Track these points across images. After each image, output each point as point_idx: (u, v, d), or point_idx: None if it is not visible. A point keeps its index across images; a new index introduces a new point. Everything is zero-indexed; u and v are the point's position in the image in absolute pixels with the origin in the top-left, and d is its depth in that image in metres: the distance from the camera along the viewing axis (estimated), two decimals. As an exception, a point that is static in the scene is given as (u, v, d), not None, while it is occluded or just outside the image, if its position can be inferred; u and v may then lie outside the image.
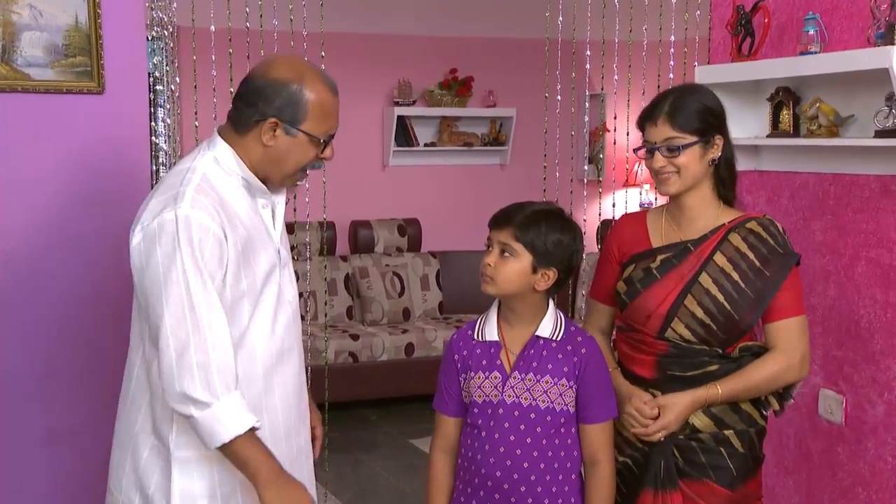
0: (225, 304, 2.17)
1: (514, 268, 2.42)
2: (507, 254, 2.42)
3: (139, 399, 2.31)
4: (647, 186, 7.39)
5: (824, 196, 3.34)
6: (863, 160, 3.17)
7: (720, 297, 2.54)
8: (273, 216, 2.36)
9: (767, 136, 3.45)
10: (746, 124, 3.54)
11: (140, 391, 2.31)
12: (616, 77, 4.62)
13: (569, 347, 2.48)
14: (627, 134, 3.87)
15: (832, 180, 3.31)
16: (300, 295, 6.64)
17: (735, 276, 2.54)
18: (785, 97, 3.37)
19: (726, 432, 2.56)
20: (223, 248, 2.17)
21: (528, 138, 7.57)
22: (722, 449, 2.55)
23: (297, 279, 2.52)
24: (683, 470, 2.56)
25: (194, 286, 2.11)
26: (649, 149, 2.55)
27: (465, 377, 2.49)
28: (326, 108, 2.25)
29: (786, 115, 3.39)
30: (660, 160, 2.53)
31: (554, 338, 2.48)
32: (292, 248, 6.63)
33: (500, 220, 2.45)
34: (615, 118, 4.07)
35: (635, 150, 2.62)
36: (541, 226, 2.42)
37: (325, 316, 5.50)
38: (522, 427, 2.44)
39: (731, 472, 2.55)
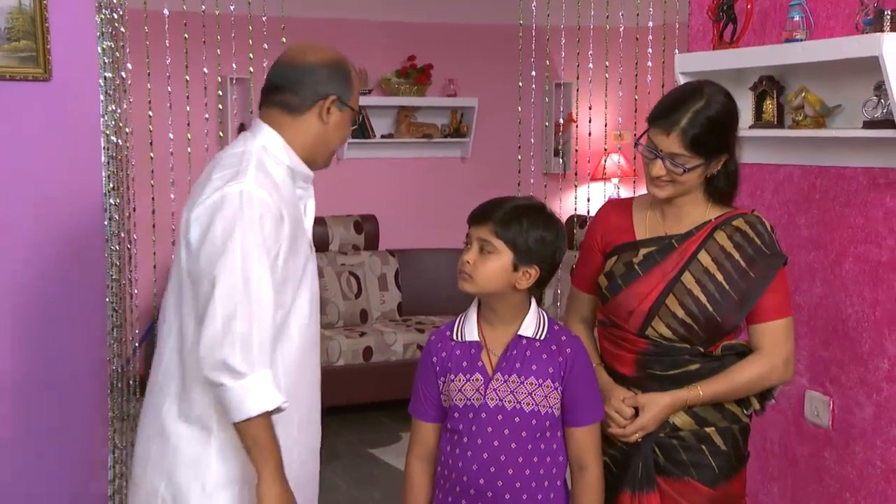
0: (274, 283, 2.34)
1: (493, 265, 2.47)
2: (486, 251, 2.48)
3: (167, 387, 2.45)
4: (615, 181, 7.51)
5: (810, 190, 3.43)
6: (850, 152, 3.26)
7: (702, 299, 2.60)
8: (304, 209, 2.55)
9: (750, 128, 3.52)
10: None
11: (168, 378, 2.45)
12: (579, 65, 4.71)
13: (553, 347, 2.52)
14: (590, 121, 3.93)
15: (818, 173, 3.40)
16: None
17: (719, 276, 2.61)
18: (769, 86, 3.45)
19: (707, 430, 2.63)
20: (280, 227, 2.36)
21: (491, 130, 7.65)
22: (704, 447, 2.62)
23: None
24: (665, 468, 2.62)
25: (252, 259, 2.29)
26: (655, 154, 2.58)
27: (444, 380, 2.54)
28: (357, 85, 2.57)
29: (769, 106, 3.47)
30: (659, 169, 2.58)
31: (537, 337, 2.53)
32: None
33: (480, 216, 2.50)
34: (590, 108, 4.14)
35: (635, 143, 2.66)
36: (522, 222, 2.48)
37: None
38: (506, 431, 2.49)
39: (713, 471, 2.62)
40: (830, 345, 3.38)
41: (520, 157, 4.44)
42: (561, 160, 7.68)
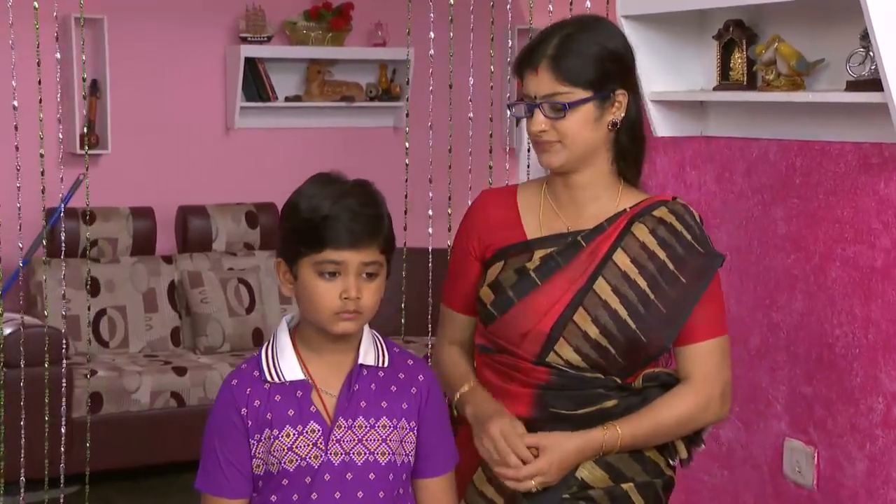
0: None
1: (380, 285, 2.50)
2: (371, 275, 2.47)
3: None
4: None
5: (789, 172, 3.44)
6: (836, 121, 3.27)
7: (621, 312, 2.60)
8: None
9: (714, 89, 3.55)
10: (688, 73, 3.64)
11: None
12: (552, 8, 4.64)
13: (401, 376, 2.53)
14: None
15: (798, 150, 3.41)
16: (102, 313, 6.62)
17: (641, 283, 2.61)
18: (737, 35, 3.46)
19: (624, 486, 2.63)
20: None
21: (433, 91, 7.59)
22: None
23: (97, 289, 2.59)
24: None
25: None
26: (528, 105, 2.60)
27: (259, 439, 2.47)
28: None
29: (738, 60, 3.48)
30: (539, 121, 2.58)
31: (380, 364, 2.52)
32: (95, 244, 6.60)
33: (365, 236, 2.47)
34: None
35: (509, 106, 2.67)
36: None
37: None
38: (360, 494, 2.47)
39: None
40: (814, 378, 3.39)
41: (471, 128, 4.33)
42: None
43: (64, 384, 4.69)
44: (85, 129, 5.56)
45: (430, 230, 4.19)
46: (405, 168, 4.30)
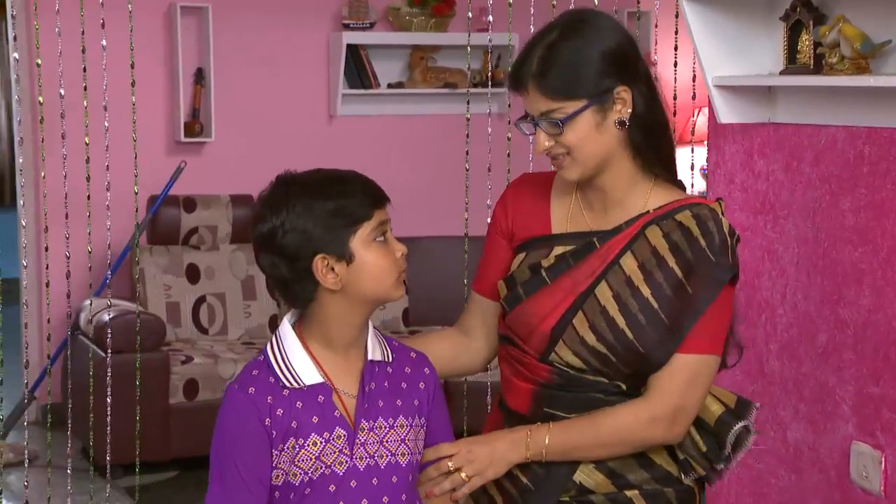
0: None
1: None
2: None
3: None
4: (707, 143, 7.31)
5: (857, 160, 3.31)
6: (905, 107, 3.14)
7: (620, 321, 2.49)
8: None
9: (781, 73, 3.44)
10: (754, 56, 3.52)
11: None
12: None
13: (407, 370, 2.50)
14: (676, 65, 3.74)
15: (866, 137, 3.28)
16: (201, 300, 6.65)
17: (644, 290, 2.49)
18: (804, 15, 3.34)
19: (629, 493, 2.54)
20: None
21: (537, 76, 7.50)
22: None
23: (196, 276, 2.60)
24: None
25: None
26: (531, 122, 2.52)
27: (282, 449, 2.39)
28: None
29: (805, 43, 3.38)
30: (542, 139, 2.50)
31: (386, 360, 2.47)
32: (193, 232, 6.66)
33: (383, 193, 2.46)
34: (675, 48, 3.85)
35: (516, 124, 2.57)
36: None
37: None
38: (386, 500, 2.42)
39: None
40: (881, 378, 3.26)
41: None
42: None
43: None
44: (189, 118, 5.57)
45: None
46: (506, 157, 4.18)
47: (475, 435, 2.62)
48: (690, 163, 3.84)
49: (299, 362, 2.42)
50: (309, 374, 2.41)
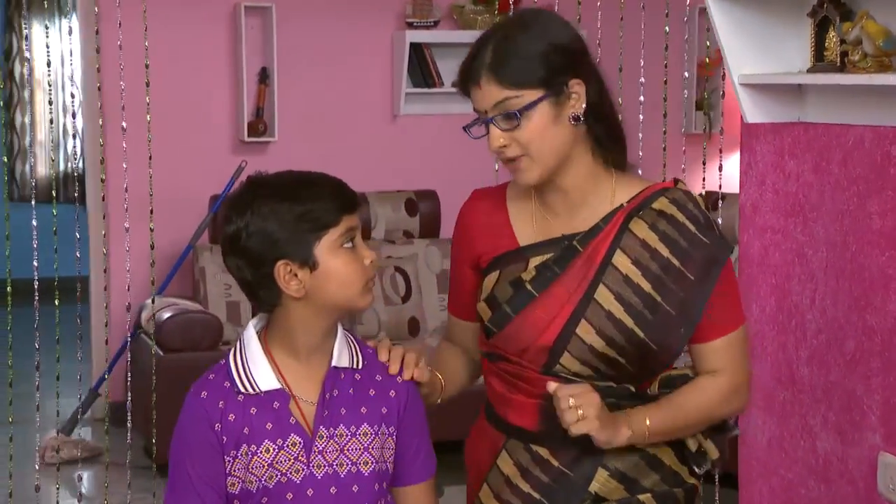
0: None
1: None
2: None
3: None
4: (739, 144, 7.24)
5: (884, 161, 3.23)
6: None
7: (626, 321, 2.44)
8: None
9: (809, 71, 3.37)
10: (782, 54, 3.45)
11: None
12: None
13: (378, 378, 2.45)
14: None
15: (893, 137, 3.20)
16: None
17: (645, 285, 2.44)
18: (831, 11, 3.27)
19: (642, 497, 2.52)
20: None
21: (604, 75, 7.41)
22: None
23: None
24: None
25: None
26: (482, 121, 2.45)
27: (235, 455, 2.38)
28: None
29: (832, 40, 3.31)
30: (497, 136, 2.42)
31: (354, 366, 2.43)
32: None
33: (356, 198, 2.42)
34: None
35: (465, 128, 2.52)
36: None
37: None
38: None
39: None
40: None
41: (641, 112, 4.13)
42: (705, 115, 7.45)
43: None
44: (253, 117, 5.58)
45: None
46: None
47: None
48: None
49: (258, 367, 2.40)
50: (266, 379, 2.39)
